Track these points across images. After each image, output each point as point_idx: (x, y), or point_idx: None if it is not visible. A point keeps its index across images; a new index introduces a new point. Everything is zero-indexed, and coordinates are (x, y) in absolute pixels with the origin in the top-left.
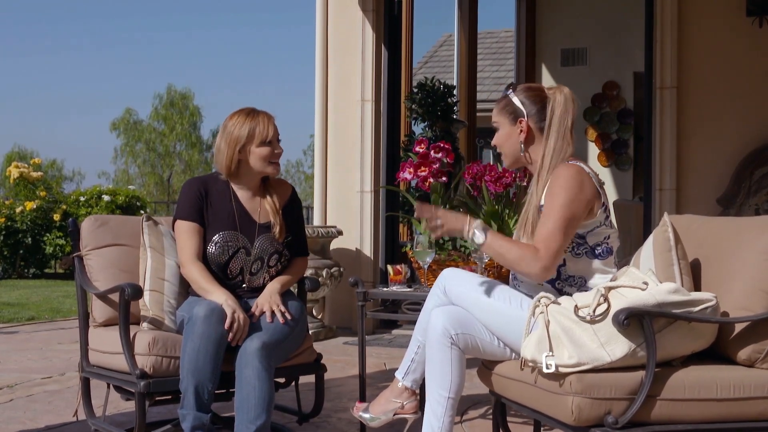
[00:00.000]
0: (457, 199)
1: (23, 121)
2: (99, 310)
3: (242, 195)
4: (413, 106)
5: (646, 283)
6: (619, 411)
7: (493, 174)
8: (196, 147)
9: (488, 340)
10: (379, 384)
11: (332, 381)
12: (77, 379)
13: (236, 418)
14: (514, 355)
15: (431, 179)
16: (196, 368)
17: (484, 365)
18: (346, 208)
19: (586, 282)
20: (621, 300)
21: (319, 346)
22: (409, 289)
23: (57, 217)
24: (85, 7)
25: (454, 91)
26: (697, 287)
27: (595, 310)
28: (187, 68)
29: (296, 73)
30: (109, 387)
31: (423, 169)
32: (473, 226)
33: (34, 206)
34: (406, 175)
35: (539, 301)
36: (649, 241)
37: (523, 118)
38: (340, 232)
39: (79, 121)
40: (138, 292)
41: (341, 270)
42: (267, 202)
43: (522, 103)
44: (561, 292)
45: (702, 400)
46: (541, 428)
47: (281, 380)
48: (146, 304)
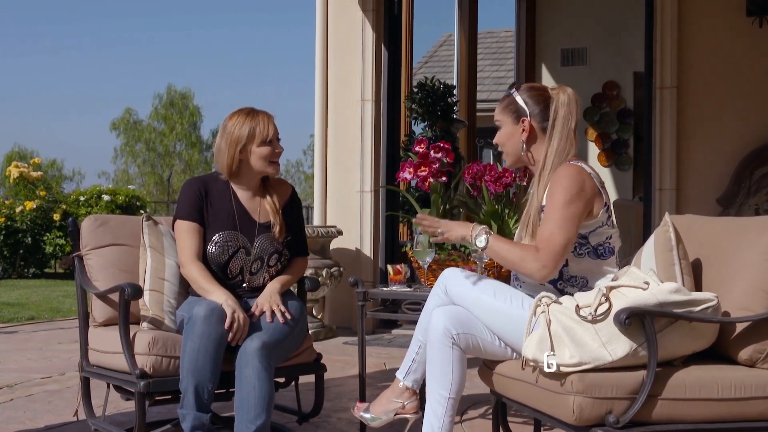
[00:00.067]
0: (457, 199)
1: (23, 121)
2: (99, 310)
3: (242, 195)
4: (413, 106)
5: (647, 283)
6: (620, 410)
7: (492, 174)
8: (196, 147)
9: (489, 340)
10: (379, 384)
11: (332, 381)
12: (77, 379)
13: (236, 418)
14: (515, 354)
15: (431, 179)
16: (196, 368)
17: (485, 365)
18: (346, 208)
19: (588, 282)
20: (622, 299)
21: (319, 346)
22: (409, 289)
23: (57, 217)
24: (85, 7)
25: (454, 91)
26: (698, 287)
27: (596, 310)
28: (187, 68)
29: (296, 73)
30: (109, 387)
31: (423, 168)
32: (475, 232)
33: (34, 206)
34: (406, 174)
35: (540, 301)
36: (651, 241)
37: (526, 117)
38: (340, 232)
39: (79, 121)
40: (138, 292)
41: (341, 270)
42: (267, 202)
43: (525, 103)
44: (563, 292)
45: (703, 399)
46: (542, 428)
47: (281, 380)
48: (146, 304)
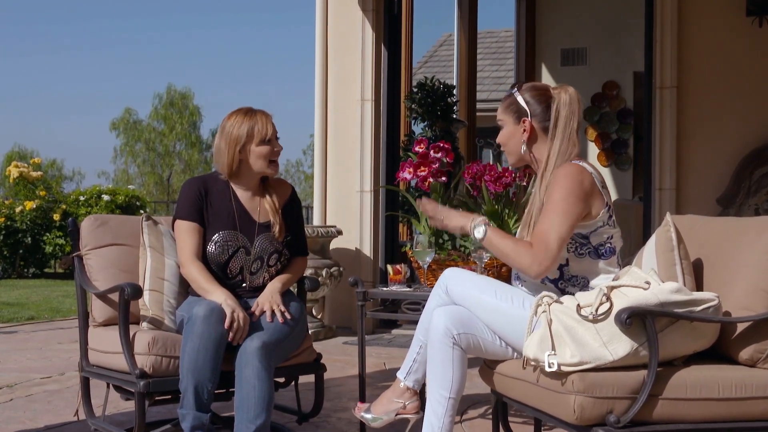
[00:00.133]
0: (457, 199)
1: (23, 121)
2: (99, 310)
3: (242, 194)
4: (413, 106)
5: (648, 283)
6: (621, 410)
7: (492, 174)
8: (196, 147)
9: (490, 340)
10: (379, 384)
11: (332, 381)
12: (77, 379)
13: (236, 418)
14: (516, 354)
15: (431, 179)
16: (196, 368)
17: (486, 365)
18: (345, 208)
19: (589, 282)
20: (623, 299)
21: (318, 346)
22: (408, 289)
23: (57, 217)
24: (85, 7)
25: (454, 91)
26: (699, 287)
27: (597, 309)
28: (187, 68)
29: (296, 73)
30: (108, 387)
31: (423, 168)
32: (475, 223)
33: (34, 206)
34: (406, 174)
35: (542, 300)
36: (652, 241)
37: (527, 117)
38: (340, 232)
39: (79, 121)
40: (138, 292)
41: (341, 270)
42: (267, 202)
43: (527, 103)
44: (564, 291)
45: (704, 399)
46: (542, 428)
47: (281, 380)
48: (146, 304)
